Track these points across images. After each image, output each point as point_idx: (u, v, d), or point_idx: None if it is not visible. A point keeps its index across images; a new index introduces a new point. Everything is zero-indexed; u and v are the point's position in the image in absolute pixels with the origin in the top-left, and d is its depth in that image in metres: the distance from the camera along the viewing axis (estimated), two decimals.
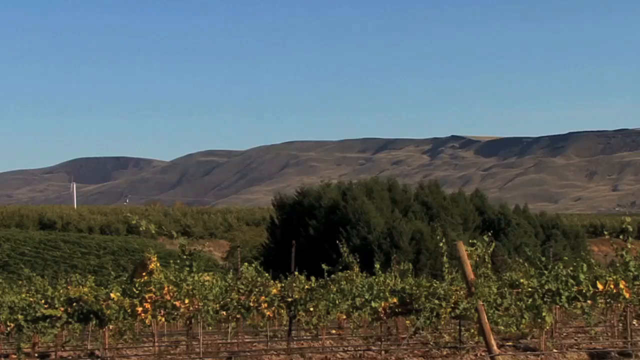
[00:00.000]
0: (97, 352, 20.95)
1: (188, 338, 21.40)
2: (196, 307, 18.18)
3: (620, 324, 23.04)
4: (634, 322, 19.70)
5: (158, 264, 18.26)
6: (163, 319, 18.64)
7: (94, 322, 18.31)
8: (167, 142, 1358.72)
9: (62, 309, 17.96)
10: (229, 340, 24.91)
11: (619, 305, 18.53)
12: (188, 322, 19.68)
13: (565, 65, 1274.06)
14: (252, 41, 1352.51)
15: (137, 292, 17.88)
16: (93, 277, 19.93)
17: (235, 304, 19.04)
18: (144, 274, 18.25)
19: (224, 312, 19.15)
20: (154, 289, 17.84)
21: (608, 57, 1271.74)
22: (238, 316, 19.55)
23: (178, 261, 18.40)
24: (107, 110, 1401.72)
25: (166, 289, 17.91)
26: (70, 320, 18.11)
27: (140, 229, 18.35)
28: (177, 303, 18.02)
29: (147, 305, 17.88)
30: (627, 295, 17.33)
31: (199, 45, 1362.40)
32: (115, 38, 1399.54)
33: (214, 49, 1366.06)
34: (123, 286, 18.28)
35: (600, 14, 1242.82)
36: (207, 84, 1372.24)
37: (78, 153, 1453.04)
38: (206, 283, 18.38)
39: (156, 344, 21.95)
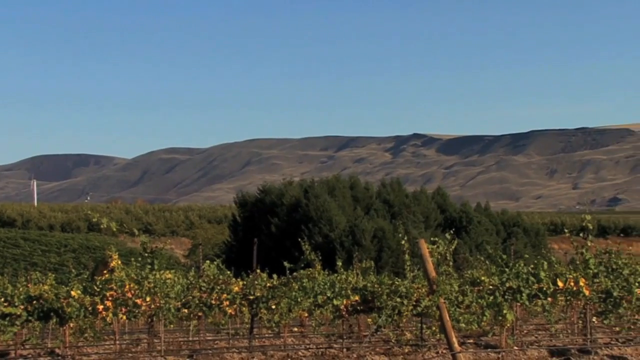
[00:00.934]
0: (57, 351, 20.83)
1: (149, 336, 21.32)
2: (158, 305, 18.12)
3: (580, 321, 23.21)
4: (594, 319, 19.83)
5: (119, 262, 18.17)
6: (124, 317, 18.57)
7: (54, 320, 18.20)
8: (128, 139, 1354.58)
9: (22, 307, 17.83)
10: (190, 338, 24.86)
11: (579, 302, 18.65)
12: (149, 320, 19.61)
13: (527, 64, 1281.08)
14: (213, 38, 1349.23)
15: (98, 290, 17.79)
16: (53, 275, 19.80)
17: (197, 301, 19.01)
18: (105, 271, 18.15)
19: (186, 310, 19.11)
20: (115, 287, 17.75)
21: (569, 56, 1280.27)
22: (200, 314, 19.51)
23: (139, 259, 18.34)
24: (68, 107, 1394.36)
25: (127, 286, 17.84)
26: (30, 318, 17.98)
27: (102, 226, 18.25)
28: (139, 301, 17.95)
29: (108, 303, 17.80)
30: (587, 293, 17.45)
31: (160, 42, 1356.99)
32: (76, 33, 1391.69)
33: (174, 46, 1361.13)
34: (84, 284, 18.18)
35: (562, 13, 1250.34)
36: (168, 82, 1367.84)
37: (38, 150, 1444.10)
38: (168, 281, 18.33)
39: (117, 342, 21.86)
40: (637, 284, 17.69)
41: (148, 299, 17.97)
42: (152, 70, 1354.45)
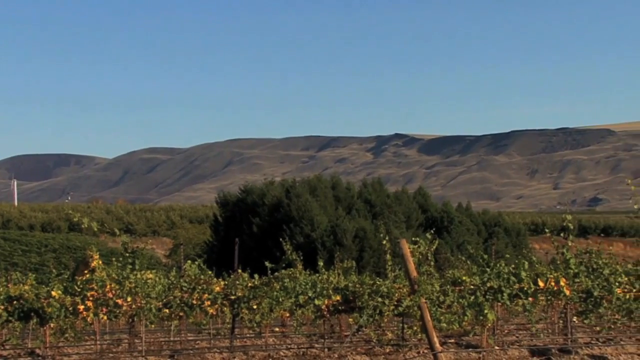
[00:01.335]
0: (37, 351, 20.77)
1: (130, 336, 21.28)
2: (139, 305, 18.09)
3: (561, 321, 23.29)
4: (574, 319, 19.92)
5: (100, 262, 18.13)
6: (105, 317, 18.53)
7: (34, 320, 18.15)
8: (109, 139, 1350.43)
9: (2, 307, 17.78)
10: (171, 338, 24.83)
11: (560, 302, 18.71)
12: (130, 320, 19.57)
13: (508, 64, 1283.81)
14: (193, 38, 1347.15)
15: (78, 290, 17.75)
16: (34, 275, 19.77)
17: (178, 301, 18.99)
18: (86, 271, 18.12)
19: (167, 310, 19.08)
20: (96, 287, 17.72)
21: (549, 57, 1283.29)
22: (181, 314, 19.49)
23: (120, 259, 18.31)
24: (49, 106, 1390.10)
25: (108, 286, 17.81)
26: (10, 318, 17.94)
27: (83, 226, 18.24)
28: (120, 301, 17.92)
29: (89, 303, 17.76)
30: (567, 293, 17.51)
31: (141, 42, 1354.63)
32: (55, 32, 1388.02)
33: (156, 45, 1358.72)
34: (64, 284, 18.14)
35: (542, 13, 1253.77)
36: (149, 81, 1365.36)
37: (19, 150, 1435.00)
38: (149, 281, 18.31)
39: (98, 342, 21.83)
40: (617, 284, 17.76)
41: (129, 299, 17.95)
42: (133, 69, 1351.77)
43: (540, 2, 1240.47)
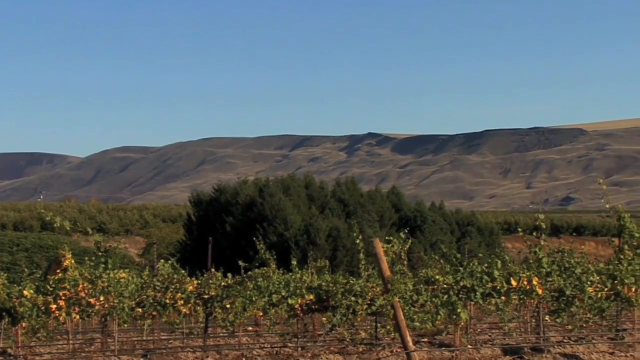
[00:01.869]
0: (9, 351, 20.66)
1: (103, 336, 21.23)
2: (112, 304, 18.04)
3: (534, 320, 23.40)
4: (547, 318, 19.98)
5: (73, 261, 18.07)
6: (78, 317, 18.47)
7: (6, 320, 18.08)
8: (82, 138, 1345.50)
9: None
10: (145, 338, 24.78)
11: (532, 301, 18.79)
12: (103, 319, 19.52)
13: (481, 64, 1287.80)
14: (168, 36, 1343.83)
15: (51, 289, 17.69)
16: (6, 275, 19.68)
17: (152, 301, 18.95)
18: (58, 271, 18.05)
19: (140, 310, 19.04)
20: (68, 287, 17.66)
21: (522, 56, 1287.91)
22: (154, 313, 19.45)
23: (93, 258, 18.25)
24: (21, 105, 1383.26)
25: (81, 286, 17.75)
26: None
27: (55, 225, 18.12)
28: (92, 300, 17.86)
29: (62, 303, 17.70)
30: (540, 292, 17.58)
31: (113, 39, 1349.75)
32: (26, 29, 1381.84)
33: (128, 43, 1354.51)
34: (37, 284, 18.06)
35: (516, 12, 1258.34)
36: (122, 79, 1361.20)
37: None
38: (122, 280, 18.26)
39: (71, 341, 21.73)
40: (589, 283, 17.86)
41: (102, 298, 17.89)
42: (106, 68, 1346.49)
43: (514, 0, 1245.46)
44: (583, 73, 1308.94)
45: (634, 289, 18.10)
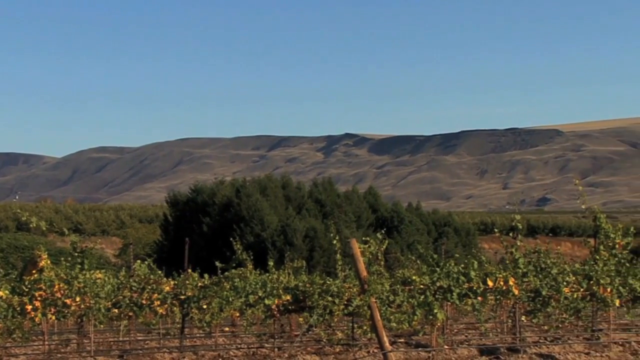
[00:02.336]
0: None
1: (79, 336, 21.16)
2: (88, 305, 17.99)
3: (510, 320, 23.48)
4: (523, 318, 20.06)
5: (49, 262, 18.01)
6: (53, 317, 18.41)
7: None
8: (58, 138, 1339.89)
9: None
10: (121, 338, 24.69)
11: (509, 301, 18.85)
12: (79, 320, 19.47)
13: (457, 65, 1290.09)
14: (143, 35, 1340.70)
15: (26, 290, 17.62)
16: None
17: (128, 301, 18.91)
18: (34, 271, 17.99)
19: (116, 310, 19.00)
20: (44, 287, 17.60)
21: (499, 57, 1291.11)
22: (130, 314, 19.41)
23: (69, 259, 18.19)
24: None
25: (57, 286, 17.69)
26: None
27: (31, 225, 18.07)
28: (68, 301, 17.81)
29: (37, 304, 17.64)
30: (516, 292, 17.65)
31: (90, 39, 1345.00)
32: (4, 29, 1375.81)
33: (104, 42, 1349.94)
34: (12, 284, 17.99)
35: (490, 11, 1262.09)
36: (99, 79, 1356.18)
37: None
38: (98, 281, 18.21)
39: (46, 342, 21.63)
40: (565, 283, 17.94)
41: (78, 299, 17.84)
42: (82, 67, 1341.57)
43: (488, 0, 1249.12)
44: (559, 74, 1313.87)
45: (609, 289, 18.20)
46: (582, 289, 18.23)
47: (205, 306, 19.41)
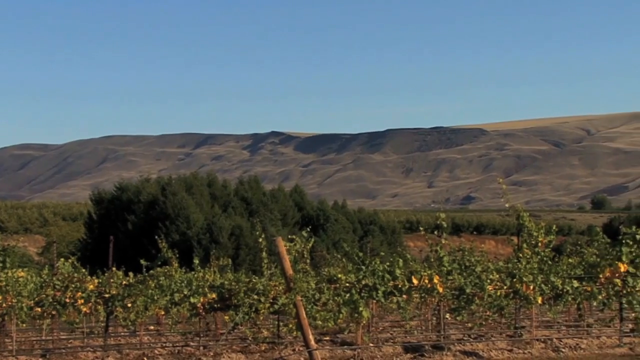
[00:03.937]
0: None
1: (0, 335, 20.88)
2: (9, 303, 17.79)
3: (434, 318, 23.67)
4: (447, 315, 20.23)
5: None
6: None
7: None
8: None
9: None
10: (43, 337, 24.44)
11: (433, 299, 19.01)
12: (1, 319, 19.21)
13: (383, 63, 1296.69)
14: (70, 31, 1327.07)
15: None
16: None
17: (51, 300, 18.72)
18: None
19: (39, 309, 18.81)
20: None
21: (424, 56, 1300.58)
22: (53, 313, 19.22)
23: None
24: None
25: None
26: None
27: None
28: None
29: None
30: (440, 290, 17.79)
31: (18, 34, 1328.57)
32: None
33: (31, 37, 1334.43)
34: None
35: (421, 10, 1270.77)
36: (23, 74, 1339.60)
37: None
38: (20, 279, 18.01)
39: None
40: (488, 281, 18.14)
41: None
42: (4, 62, 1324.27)
43: (408, 2, 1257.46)
44: (484, 74, 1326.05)
45: (531, 287, 18.42)
46: (505, 287, 18.44)
47: (130, 305, 19.29)
